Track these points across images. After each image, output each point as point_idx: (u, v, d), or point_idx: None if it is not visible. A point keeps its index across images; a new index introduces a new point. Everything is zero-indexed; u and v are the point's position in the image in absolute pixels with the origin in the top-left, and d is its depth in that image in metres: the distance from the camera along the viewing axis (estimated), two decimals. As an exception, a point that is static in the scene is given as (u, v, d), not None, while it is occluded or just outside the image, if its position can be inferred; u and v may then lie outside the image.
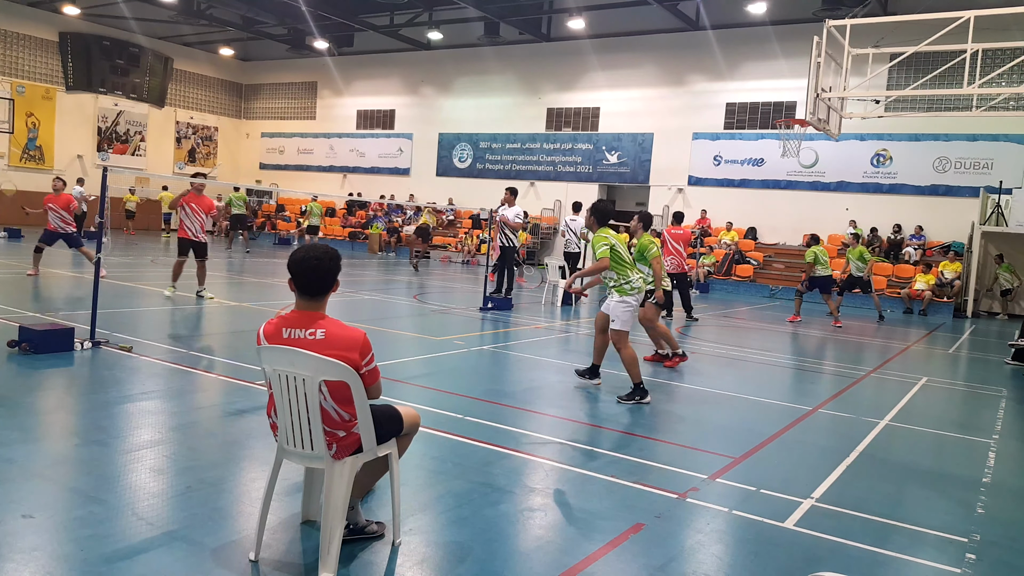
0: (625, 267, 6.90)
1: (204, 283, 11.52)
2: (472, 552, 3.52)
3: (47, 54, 28.54)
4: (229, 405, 5.88)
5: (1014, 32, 14.37)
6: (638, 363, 6.83)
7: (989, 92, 14.15)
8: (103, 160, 29.78)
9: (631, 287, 6.86)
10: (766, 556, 3.73)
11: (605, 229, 7.02)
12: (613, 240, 6.91)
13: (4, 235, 20.42)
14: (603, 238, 6.92)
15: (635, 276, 6.92)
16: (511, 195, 14.07)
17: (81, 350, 7.08)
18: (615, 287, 6.92)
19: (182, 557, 3.25)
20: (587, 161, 26.55)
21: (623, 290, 6.87)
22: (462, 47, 28.52)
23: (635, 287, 6.88)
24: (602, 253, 6.85)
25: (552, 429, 5.83)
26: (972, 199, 19.81)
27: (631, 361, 6.78)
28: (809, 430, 6.40)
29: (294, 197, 32.35)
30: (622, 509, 4.17)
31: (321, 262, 3.22)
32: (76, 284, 12.62)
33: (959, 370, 10.86)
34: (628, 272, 6.89)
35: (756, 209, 23.35)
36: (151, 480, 4.13)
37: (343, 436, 3.24)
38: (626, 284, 6.86)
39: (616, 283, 6.92)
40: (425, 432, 5.10)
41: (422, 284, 17.55)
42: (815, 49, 12.85)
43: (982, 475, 5.38)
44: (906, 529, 4.21)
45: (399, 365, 7.67)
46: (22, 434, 4.70)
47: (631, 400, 6.74)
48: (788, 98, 22.38)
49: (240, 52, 34.46)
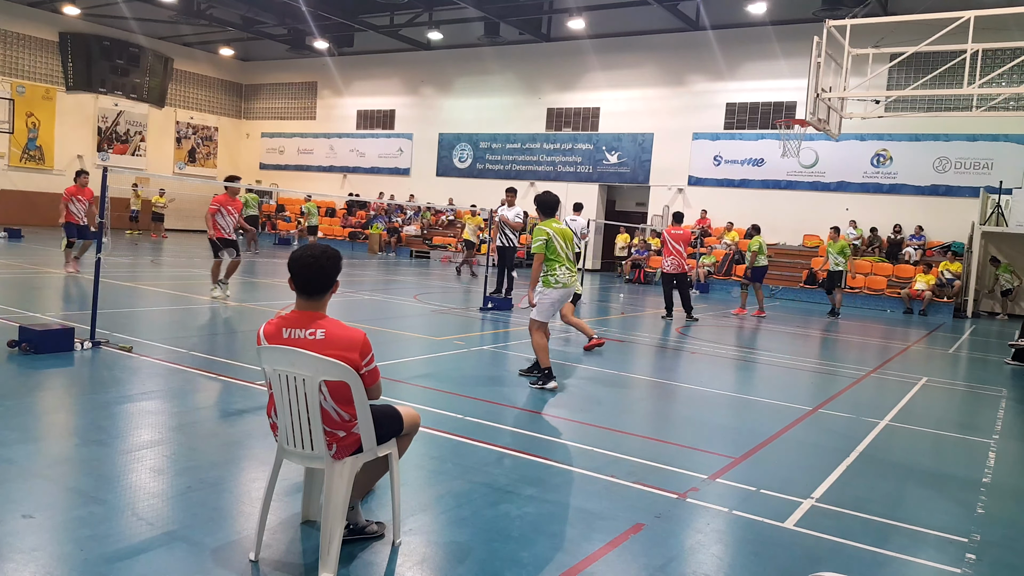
0: (553, 261, 7.04)
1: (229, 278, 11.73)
2: (472, 552, 3.52)
3: (47, 54, 28.54)
4: (229, 405, 5.88)
5: (1014, 32, 14.38)
6: (546, 351, 7.02)
7: (989, 92, 14.15)
8: (103, 160, 29.78)
9: (555, 280, 7.04)
10: (766, 556, 3.73)
11: (547, 222, 7.15)
12: (551, 233, 7.03)
13: (4, 235, 20.41)
14: (542, 231, 7.06)
15: (561, 270, 7.05)
16: (511, 195, 14.08)
17: (81, 350, 7.08)
18: (542, 278, 7.10)
19: (182, 557, 3.25)
20: (587, 161, 26.55)
21: (547, 281, 7.07)
22: (462, 47, 28.52)
23: (559, 280, 7.04)
24: (537, 248, 7.05)
25: (552, 429, 5.83)
26: (972, 199, 19.81)
27: (539, 348, 6.99)
28: (809, 430, 6.40)
29: (294, 197, 32.35)
30: (622, 509, 4.17)
31: (319, 261, 3.23)
32: (76, 284, 12.62)
33: (959, 370, 10.86)
34: (555, 265, 7.04)
35: (756, 209, 23.34)
36: (151, 480, 4.13)
37: (343, 436, 3.24)
38: (551, 276, 7.06)
39: (544, 275, 7.09)
40: (425, 432, 5.10)
41: (421, 284, 17.56)
42: (815, 49, 12.85)
43: (982, 475, 5.38)
44: (906, 529, 4.21)
45: (399, 365, 7.67)
46: (22, 434, 4.70)
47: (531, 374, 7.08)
48: (788, 98, 22.39)
49: (240, 52, 34.46)
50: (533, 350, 7.14)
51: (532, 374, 7.21)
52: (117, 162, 30.30)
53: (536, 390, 6.97)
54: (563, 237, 7.09)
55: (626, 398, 7.09)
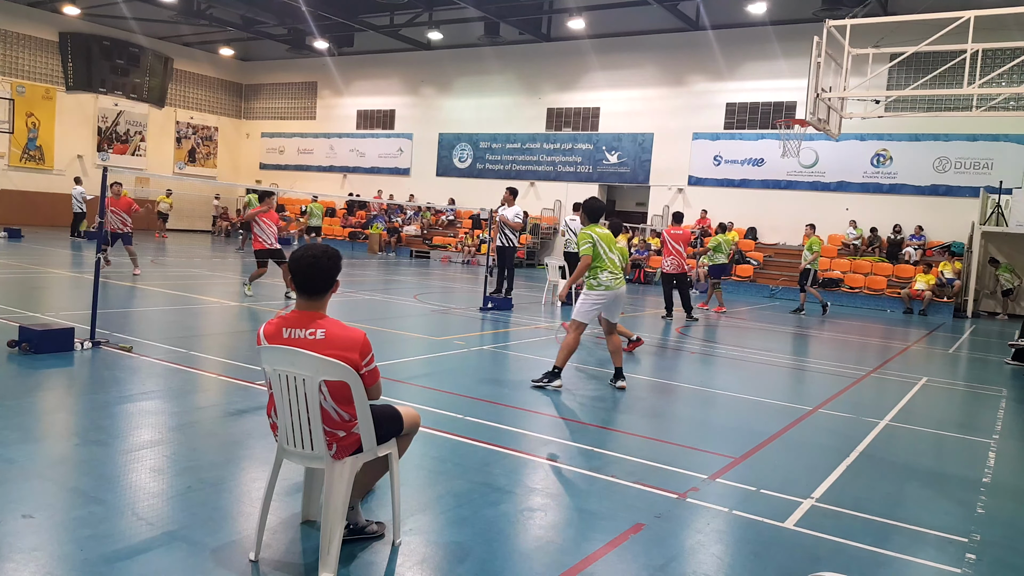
0: (597, 266, 7.08)
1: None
2: (472, 552, 3.52)
3: (47, 54, 28.53)
4: (229, 405, 5.88)
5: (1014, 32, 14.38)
6: (570, 352, 7.11)
7: (989, 92, 14.15)
8: (103, 160, 29.77)
9: (598, 283, 7.08)
10: (766, 556, 3.73)
11: (592, 226, 7.19)
12: (596, 238, 7.08)
13: (4, 235, 20.41)
14: (587, 236, 7.10)
15: (604, 274, 7.08)
16: (511, 195, 14.07)
17: (81, 350, 7.08)
18: (585, 280, 7.18)
19: (182, 557, 3.25)
20: (587, 161, 26.55)
21: (589, 284, 7.13)
22: (462, 47, 28.51)
23: (601, 283, 7.07)
24: (584, 251, 7.06)
25: (552, 429, 5.83)
26: (972, 199, 19.80)
27: (565, 345, 7.10)
28: (809, 430, 6.40)
29: (294, 197, 32.35)
30: (622, 509, 4.17)
31: (319, 260, 3.23)
32: (76, 284, 12.62)
33: (959, 370, 10.86)
34: (598, 271, 7.09)
35: (756, 209, 23.35)
36: (151, 480, 4.13)
37: (343, 436, 3.24)
38: (593, 279, 7.10)
39: (587, 277, 7.15)
40: (425, 432, 5.10)
41: (421, 284, 17.55)
42: (815, 49, 12.85)
43: (982, 475, 5.38)
44: (906, 529, 4.21)
45: (399, 365, 7.67)
46: (22, 434, 4.70)
47: (541, 381, 7.07)
48: (788, 98, 22.38)
49: (240, 52, 34.46)
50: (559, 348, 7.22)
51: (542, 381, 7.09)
52: (117, 162, 30.29)
53: (535, 386, 6.97)
54: (607, 242, 7.12)
55: (626, 398, 7.09)
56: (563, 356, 7.08)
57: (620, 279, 7.20)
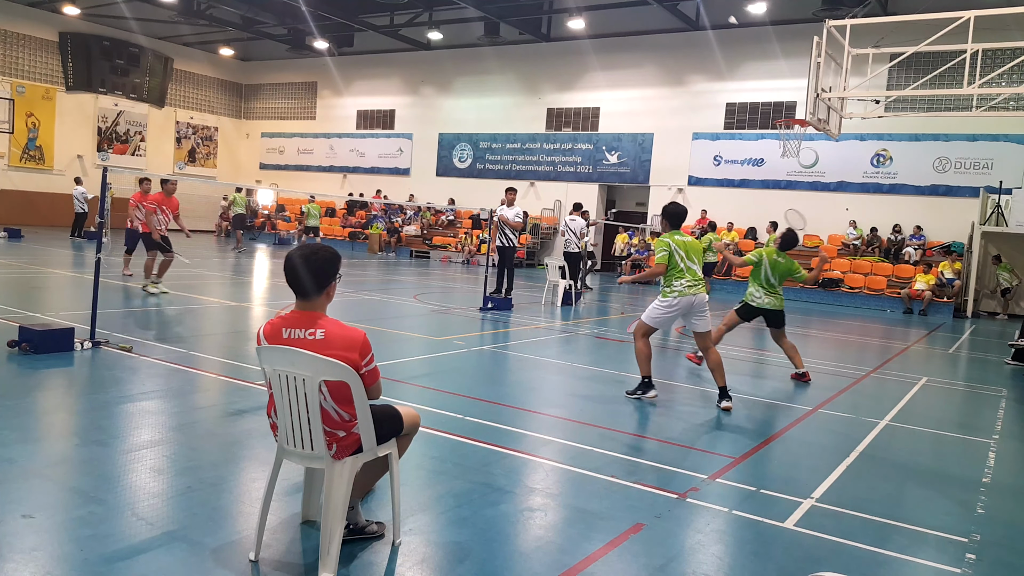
0: (672, 274, 6.89)
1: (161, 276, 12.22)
2: (472, 552, 3.52)
3: (47, 54, 28.53)
4: (229, 405, 5.88)
5: (1014, 32, 14.36)
6: (647, 359, 6.95)
7: (989, 92, 14.15)
8: (103, 160, 29.77)
9: (671, 290, 6.89)
10: (766, 556, 3.73)
11: (671, 233, 6.97)
12: (673, 246, 6.87)
13: (4, 235, 20.41)
14: (663, 244, 6.89)
15: (678, 282, 6.86)
16: (511, 194, 14.07)
17: (81, 350, 7.08)
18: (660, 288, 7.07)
19: (182, 557, 3.25)
20: (587, 161, 26.55)
21: (663, 291, 6.97)
22: (462, 47, 28.51)
23: (674, 290, 6.87)
24: (660, 259, 6.87)
25: (552, 429, 5.83)
26: (972, 199, 19.80)
27: (640, 355, 6.97)
28: (809, 430, 6.40)
29: (294, 197, 32.35)
30: (622, 509, 4.17)
31: (307, 260, 3.21)
32: (77, 284, 12.62)
33: (959, 370, 10.86)
34: (672, 279, 6.89)
35: (756, 209, 23.34)
36: (151, 480, 4.13)
37: (343, 436, 3.24)
38: (667, 287, 6.94)
39: (661, 284, 7.03)
40: (425, 432, 5.10)
41: (421, 284, 17.55)
42: (815, 49, 12.84)
43: (982, 475, 5.38)
44: (906, 529, 4.21)
45: (399, 365, 7.67)
46: (22, 434, 4.70)
47: (635, 394, 6.93)
48: (788, 98, 22.38)
49: (240, 52, 34.45)
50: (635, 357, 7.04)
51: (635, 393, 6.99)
52: (117, 162, 30.29)
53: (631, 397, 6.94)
54: (685, 249, 6.88)
55: (626, 398, 7.08)
56: (642, 365, 6.92)
57: (698, 286, 6.91)
